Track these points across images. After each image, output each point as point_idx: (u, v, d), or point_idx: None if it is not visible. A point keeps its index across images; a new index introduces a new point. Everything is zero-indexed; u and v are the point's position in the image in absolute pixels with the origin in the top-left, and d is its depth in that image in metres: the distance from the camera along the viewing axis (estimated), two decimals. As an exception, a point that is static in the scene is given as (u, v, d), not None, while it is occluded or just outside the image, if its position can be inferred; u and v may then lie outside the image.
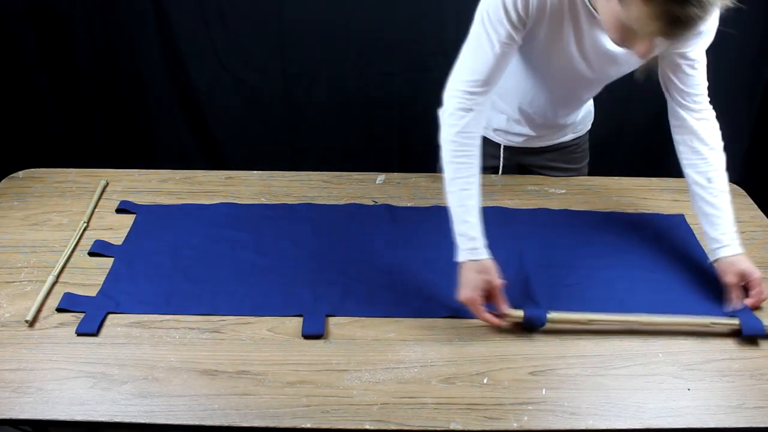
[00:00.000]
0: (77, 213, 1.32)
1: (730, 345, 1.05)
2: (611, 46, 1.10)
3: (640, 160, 2.27)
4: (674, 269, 1.21)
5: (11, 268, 1.17)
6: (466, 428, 0.90)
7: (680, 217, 1.36)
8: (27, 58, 2.01)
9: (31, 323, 1.05)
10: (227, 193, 1.40)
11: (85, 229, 1.27)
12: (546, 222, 1.33)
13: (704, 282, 1.17)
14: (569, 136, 1.45)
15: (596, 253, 1.24)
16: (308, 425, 0.89)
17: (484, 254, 1.05)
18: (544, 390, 0.96)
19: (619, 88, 2.11)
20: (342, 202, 1.37)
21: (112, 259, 1.19)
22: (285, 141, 2.22)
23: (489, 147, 1.45)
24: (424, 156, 1.57)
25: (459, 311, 1.07)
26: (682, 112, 1.16)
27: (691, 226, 1.32)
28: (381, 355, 1.01)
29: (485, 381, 0.97)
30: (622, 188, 1.46)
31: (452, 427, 0.90)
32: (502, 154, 1.46)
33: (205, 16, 1.96)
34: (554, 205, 1.38)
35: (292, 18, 1.95)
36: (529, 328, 1.06)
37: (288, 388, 0.95)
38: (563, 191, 1.44)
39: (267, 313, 1.08)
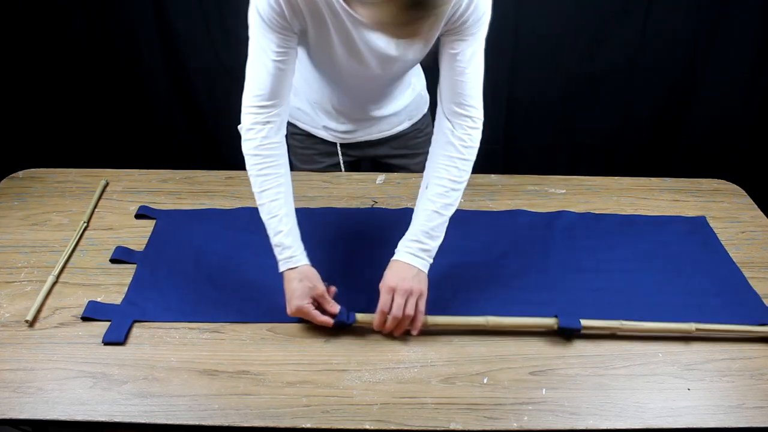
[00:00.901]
0: (77, 213, 1.32)
1: (730, 345, 1.05)
2: (382, 45, 1.09)
3: (640, 160, 2.27)
4: (700, 273, 1.19)
5: (11, 268, 1.17)
6: (466, 428, 0.90)
7: (702, 219, 1.33)
8: (27, 58, 2.01)
9: (31, 323, 1.05)
10: (227, 193, 1.40)
11: (85, 229, 1.27)
12: (568, 224, 1.32)
13: (731, 286, 1.16)
14: (405, 124, 1.42)
15: (620, 256, 1.23)
16: (308, 425, 0.89)
17: (301, 261, 1.04)
18: (544, 390, 0.96)
19: (620, 89, 2.14)
20: (342, 202, 1.37)
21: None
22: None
23: (325, 146, 1.43)
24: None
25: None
26: (442, 117, 1.10)
27: (714, 228, 1.31)
28: (381, 355, 1.01)
29: (485, 381, 0.97)
30: (622, 188, 1.46)
31: (452, 427, 0.90)
32: (339, 151, 1.43)
33: (205, 16, 1.96)
34: (554, 204, 1.38)
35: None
36: (564, 334, 1.05)
37: (288, 388, 0.95)
38: (563, 191, 1.44)
39: (298, 320, 1.06)
